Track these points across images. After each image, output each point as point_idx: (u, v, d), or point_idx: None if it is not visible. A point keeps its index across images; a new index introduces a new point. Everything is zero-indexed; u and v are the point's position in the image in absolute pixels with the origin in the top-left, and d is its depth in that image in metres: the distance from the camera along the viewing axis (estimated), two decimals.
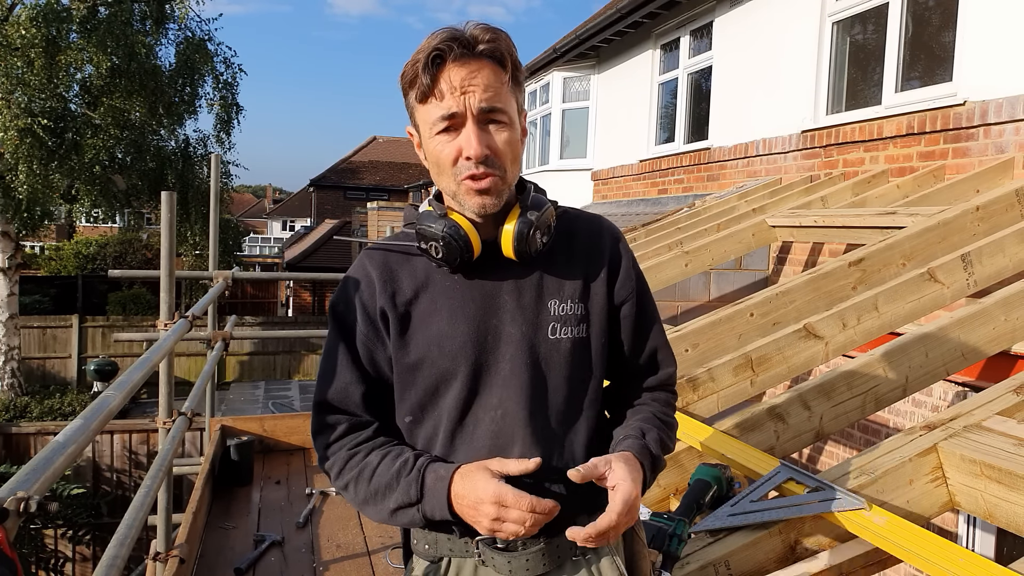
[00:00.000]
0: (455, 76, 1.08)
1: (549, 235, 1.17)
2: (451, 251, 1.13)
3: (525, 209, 1.16)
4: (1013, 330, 2.40)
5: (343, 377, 1.19)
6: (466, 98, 1.08)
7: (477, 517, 1.07)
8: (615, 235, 1.26)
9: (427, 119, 1.12)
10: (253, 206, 54.35)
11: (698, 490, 1.76)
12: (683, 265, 4.02)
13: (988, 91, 3.76)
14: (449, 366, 1.15)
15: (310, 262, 25.68)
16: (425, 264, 1.19)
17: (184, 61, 13.83)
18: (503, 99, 1.11)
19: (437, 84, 1.09)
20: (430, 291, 1.17)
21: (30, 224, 13.38)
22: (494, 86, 1.10)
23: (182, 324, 3.14)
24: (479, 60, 1.09)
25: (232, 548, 3.30)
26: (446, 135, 1.11)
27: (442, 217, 1.14)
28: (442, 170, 1.14)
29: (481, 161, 1.09)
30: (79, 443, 1.45)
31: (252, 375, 16.36)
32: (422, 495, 1.10)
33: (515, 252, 1.15)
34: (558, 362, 1.16)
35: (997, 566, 1.46)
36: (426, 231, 1.14)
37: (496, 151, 1.11)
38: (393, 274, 1.19)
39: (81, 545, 10.25)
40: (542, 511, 1.05)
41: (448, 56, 1.08)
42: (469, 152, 1.09)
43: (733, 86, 6.24)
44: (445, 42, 1.08)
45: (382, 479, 1.13)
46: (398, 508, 1.13)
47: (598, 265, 1.21)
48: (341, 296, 1.21)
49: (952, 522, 3.62)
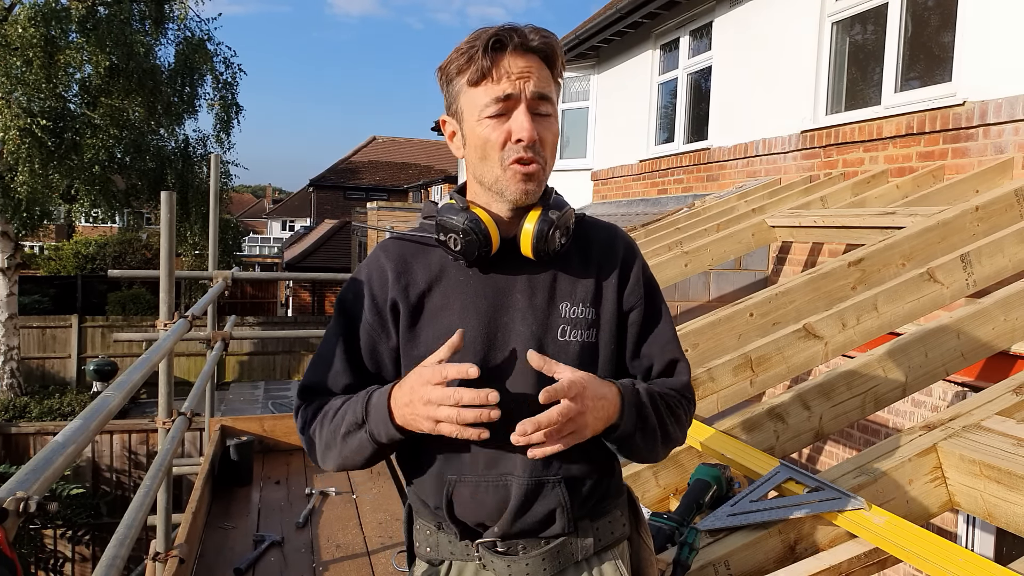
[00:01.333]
0: (512, 63, 1.12)
1: (567, 236, 1.18)
2: (470, 244, 1.14)
3: (547, 208, 1.16)
4: (1012, 330, 2.40)
5: (334, 365, 1.20)
6: (522, 83, 1.11)
7: (415, 419, 1.06)
8: (629, 244, 1.27)
9: (477, 102, 1.13)
10: (253, 206, 54.35)
11: (698, 490, 1.77)
12: (683, 265, 4.02)
13: (987, 91, 3.77)
14: (457, 360, 1.14)
15: (310, 262, 25.68)
16: (441, 257, 1.19)
17: (183, 61, 13.83)
18: (552, 92, 1.15)
19: (495, 67, 1.11)
20: (444, 284, 1.18)
21: (29, 224, 13.37)
22: (545, 79, 1.14)
23: (182, 324, 3.14)
24: (534, 54, 1.13)
25: (232, 548, 3.30)
26: (495, 120, 1.12)
27: (464, 210, 1.15)
28: (487, 154, 1.14)
29: (530, 146, 1.12)
30: (78, 443, 1.45)
31: (252, 375, 16.36)
32: (367, 413, 1.11)
33: (533, 251, 1.16)
34: (566, 364, 1.14)
35: (996, 566, 1.46)
36: (447, 223, 1.15)
37: (543, 139, 1.14)
38: (408, 265, 1.19)
39: (80, 545, 10.24)
40: (472, 400, 1.02)
41: (508, 43, 1.11)
42: (521, 134, 1.11)
43: (733, 86, 6.24)
44: (504, 31, 1.11)
45: (339, 414, 1.15)
46: (347, 433, 1.13)
47: (610, 271, 1.22)
48: (351, 286, 1.22)
49: (952, 522, 3.62)
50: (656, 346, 1.24)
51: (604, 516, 1.21)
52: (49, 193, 12.61)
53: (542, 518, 1.15)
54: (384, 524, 3.55)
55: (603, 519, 1.20)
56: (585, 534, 1.18)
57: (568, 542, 1.17)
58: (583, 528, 1.18)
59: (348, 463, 1.16)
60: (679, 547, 1.54)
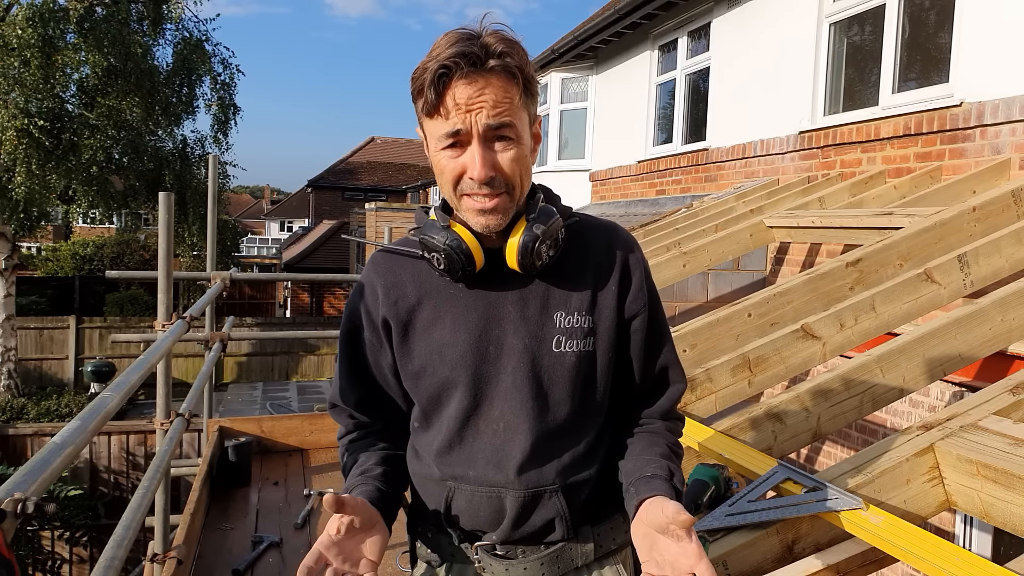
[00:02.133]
0: (461, 94, 1.04)
1: (556, 247, 1.13)
2: (452, 263, 1.11)
3: (531, 222, 1.11)
4: (1009, 330, 2.40)
5: (342, 381, 1.24)
6: (472, 115, 1.04)
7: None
8: (629, 246, 1.20)
9: (433, 133, 1.09)
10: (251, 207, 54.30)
11: (696, 490, 1.77)
12: (681, 266, 4.03)
13: (985, 92, 3.78)
14: (449, 375, 1.13)
15: (308, 263, 25.66)
16: (430, 269, 1.17)
17: (181, 62, 13.83)
18: (513, 114, 1.06)
19: (443, 101, 1.05)
20: (434, 298, 1.16)
21: (27, 225, 13.33)
22: (503, 102, 1.05)
23: (180, 325, 3.13)
24: (488, 75, 1.04)
25: (230, 549, 3.30)
26: (451, 151, 1.07)
27: (445, 229, 1.11)
28: (445, 183, 1.11)
29: (485, 183, 1.06)
30: (76, 444, 1.45)
31: (250, 376, 16.34)
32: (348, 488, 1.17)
33: (519, 265, 1.12)
34: (562, 376, 1.13)
35: (994, 565, 1.46)
36: (428, 242, 1.12)
37: (501, 170, 1.07)
38: (397, 279, 1.18)
39: (78, 547, 10.22)
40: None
41: (455, 73, 1.03)
42: (472, 173, 1.06)
43: (731, 87, 6.25)
44: (452, 58, 1.02)
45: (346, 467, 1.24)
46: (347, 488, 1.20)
47: (608, 277, 1.17)
48: (351, 302, 1.23)
49: (949, 522, 3.63)
50: (657, 355, 1.22)
51: (605, 521, 1.19)
52: (46, 194, 12.60)
53: (541, 527, 1.14)
54: None
55: (604, 524, 1.19)
56: (586, 540, 1.17)
57: (568, 547, 1.16)
58: (583, 534, 1.17)
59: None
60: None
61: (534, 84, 1.12)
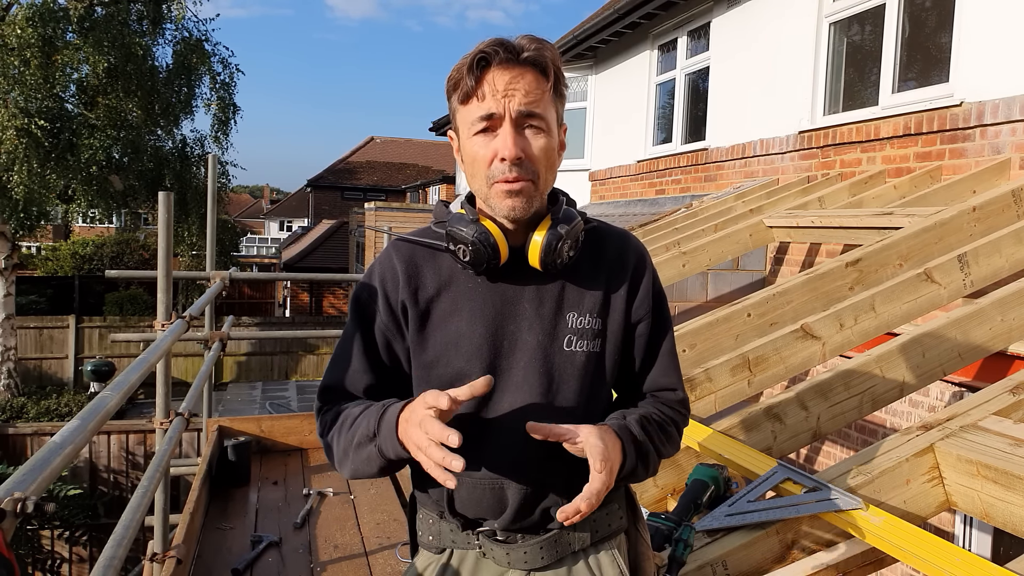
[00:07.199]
0: (498, 79, 1.10)
1: (576, 249, 1.18)
2: (479, 256, 1.14)
3: (556, 221, 1.17)
4: (1009, 330, 2.40)
5: (352, 365, 1.21)
6: (506, 101, 1.10)
7: (406, 440, 1.05)
8: (640, 253, 1.26)
9: (467, 119, 1.14)
10: (250, 206, 54.29)
11: (696, 490, 1.77)
12: (680, 266, 4.02)
13: (984, 92, 3.78)
14: (463, 367, 1.16)
15: (307, 262, 25.66)
16: (450, 262, 1.20)
17: (181, 61, 13.81)
18: (543, 106, 1.13)
19: (480, 86, 1.11)
20: (452, 290, 1.19)
21: (27, 224, 13.33)
22: (535, 92, 1.12)
23: (179, 324, 3.13)
24: (523, 67, 1.11)
25: (229, 549, 3.30)
26: (483, 136, 1.13)
27: (473, 222, 1.15)
28: (476, 171, 1.15)
29: (515, 163, 1.11)
30: (76, 444, 1.45)
31: (249, 376, 16.34)
32: (379, 427, 1.10)
33: (541, 263, 1.16)
34: (571, 374, 1.17)
35: (994, 566, 1.46)
36: (456, 234, 1.15)
37: (530, 155, 1.12)
38: (418, 269, 1.20)
39: (78, 546, 10.22)
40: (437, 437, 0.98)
41: (493, 60, 1.10)
42: (504, 153, 1.10)
43: (730, 87, 6.25)
44: (491, 46, 1.10)
45: (355, 424, 1.14)
46: (359, 444, 1.12)
47: (620, 281, 1.22)
48: (366, 284, 1.23)
49: (949, 522, 3.63)
50: (657, 361, 1.26)
51: (602, 508, 1.22)
52: (46, 193, 12.58)
53: (541, 516, 1.18)
54: (382, 524, 3.55)
55: (600, 511, 1.22)
56: (583, 526, 1.20)
57: (566, 533, 1.19)
58: (581, 521, 1.18)
59: (360, 473, 1.17)
60: (674, 544, 1.55)
61: (563, 85, 1.18)
